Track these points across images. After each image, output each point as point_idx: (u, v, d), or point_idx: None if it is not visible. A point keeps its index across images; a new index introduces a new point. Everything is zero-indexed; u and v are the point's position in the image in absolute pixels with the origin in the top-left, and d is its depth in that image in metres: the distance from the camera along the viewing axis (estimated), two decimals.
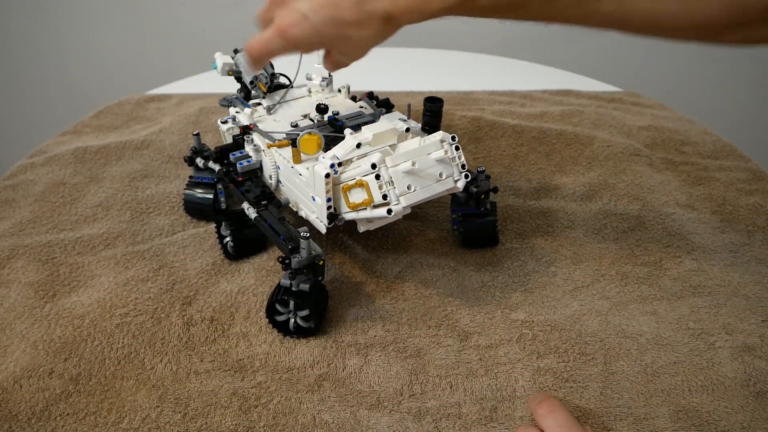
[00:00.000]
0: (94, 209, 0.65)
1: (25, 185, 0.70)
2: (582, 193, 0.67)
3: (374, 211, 0.47)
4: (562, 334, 0.50)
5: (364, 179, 0.46)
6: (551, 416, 0.41)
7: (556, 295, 0.54)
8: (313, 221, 0.52)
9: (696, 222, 0.63)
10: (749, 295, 0.54)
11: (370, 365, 0.48)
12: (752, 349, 0.49)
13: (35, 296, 0.54)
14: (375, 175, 0.46)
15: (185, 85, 0.97)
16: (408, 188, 0.47)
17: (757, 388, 0.46)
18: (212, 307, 0.53)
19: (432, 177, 0.48)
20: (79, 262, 0.58)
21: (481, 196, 0.57)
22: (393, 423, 0.44)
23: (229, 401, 0.45)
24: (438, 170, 0.48)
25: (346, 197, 0.48)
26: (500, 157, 0.74)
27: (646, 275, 0.56)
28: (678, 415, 0.44)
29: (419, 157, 0.47)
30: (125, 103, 0.89)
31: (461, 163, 0.49)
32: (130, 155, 0.74)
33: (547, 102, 0.89)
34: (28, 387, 0.46)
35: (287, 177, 0.54)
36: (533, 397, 0.44)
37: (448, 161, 0.48)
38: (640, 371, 0.47)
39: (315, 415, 0.45)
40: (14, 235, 0.62)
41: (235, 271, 0.57)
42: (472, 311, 0.53)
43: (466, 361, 0.48)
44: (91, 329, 0.51)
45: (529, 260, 0.58)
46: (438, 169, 0.48)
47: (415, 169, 0.46)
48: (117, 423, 0.44)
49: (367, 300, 0.54)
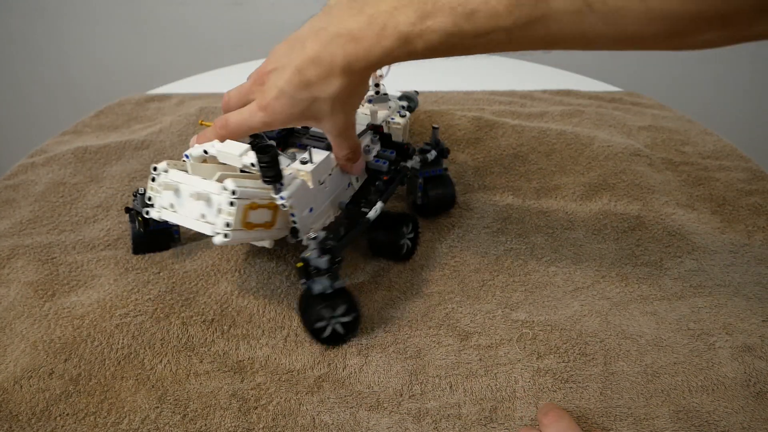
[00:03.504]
0: (95, 209, 0.65)
1: (25, 185, 0.70)
2: (582, 193, 0.67)
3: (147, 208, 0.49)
4: (563, 334, 0.50)
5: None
6: (555, 425, 0.41)
7: (557, 295, 0.54)
8: None
9: (696, 222, 0.63)
10: (749, 296, 0.54)
11: (370, 366, 0.48)
12: (752, 350, 0.49)
13: (35, 296, 0.54)
14: (151, 177, 0.48)
15: (185, 85, 0.97)
16: (170, 206, 0.48)
17: (757, 388, 0.46)
18: (212, 309, 0.53)
19: (193, 212, 0.46)
20: (79, 261, 0.58)
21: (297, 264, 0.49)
22: (393, 424, 0.44)
23: (228, 402, 0.45)
24: (201, 211, 0.46)
25: None
26: (500, 157, 0.74)
27: (647, 275, 0.56)
28: (678, 415, 0.44)
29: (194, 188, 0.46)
30: (125, 103, 0.89)
31: (226, 221, 0.45)
32: (130, 155, 0.74)
33: (548, 102, 0.89)
34: (28, 387, 0.46)
35: None
36: (541, 408, 0.44)
37: (213, 207, 0.45)
38: (641, 371, 0.47)
39: (314, 416, 0.45)
40: (14, 235, 0.62)
41: (236, 273, 0.57)
42: (472, 311, 0.53)
43: (466, 361, 0.48)
44: (91, 329, 0.51)
45: (530, 260, 0.58)
46: (202, 210, 0.46)
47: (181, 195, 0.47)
48: (117, 423, 0.44)
49: (369, 300, 0.54)
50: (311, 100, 0.45)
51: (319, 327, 0.48)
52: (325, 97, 0.45)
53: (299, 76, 0.44)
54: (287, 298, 0.54)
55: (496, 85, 0.93)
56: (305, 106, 0.46)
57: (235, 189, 0.44)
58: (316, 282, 0.48)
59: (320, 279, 0.48)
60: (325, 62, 0.43)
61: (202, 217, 0.46)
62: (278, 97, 0.46)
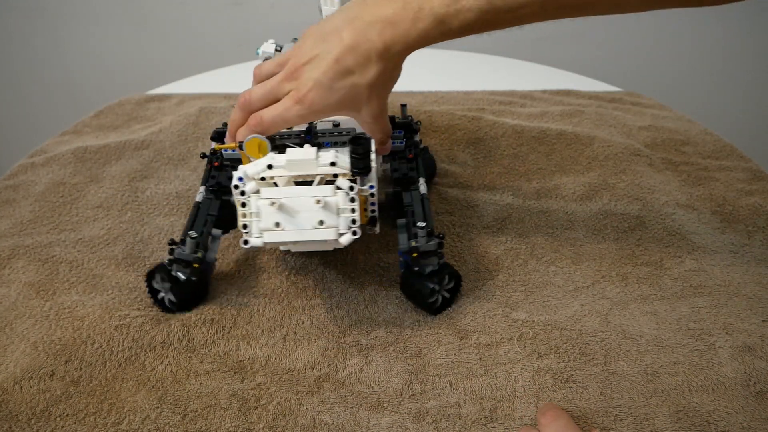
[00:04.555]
0: (95, 209, 0.65)
1: (25, 185, 0.70)
2: (582, 193, 0.67)
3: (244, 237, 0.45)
4: (563, 333, 0.50)
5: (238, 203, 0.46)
6: (553, 424, 0.41)
7: (557, 294, 0.54)
8: None
9: (696, 222, 0.63)
10: (750, 295, 0.54)
11: (370, 365, 0.48)
12: (752, 349, 0.49)
13: (36, 296, 0.54)
14: (241, 203, 0.45)
15: (185, 85, 0.97)
16: (276, 225, 0.44)
17: (757, 388, 0.46)
18: (213, 310, 0.53)
19: (307, 222, 0.44)
20: (79, 261, 0.58)
21: (413, 254, 0.50)
22: (393, 424, 0.44)
23: (228, 402, 0.45)
24: (319, 217, 0.44)
25: None
26: (500, 157, 0.74)
27: (647, 275, 0.56)
28: (678, 415, 0.44)
29: (301, 197, 0.44)
30: (125, 103, 0.89)
31: (352, 218, 0.45)
32: (130, 155, 0.74)
33: (547, 102, 0.89)
34: (28, 388, 0.46)
35: None
36: (540, 409, 0.44)
37: (333, 210, 0.45)
38: (641, 371, 0.47)
39: (314, 416, 0.45)
40: (15, 235, 0.62)
41: (236, 273, 0.57)
42: (472, 310, 0.53)
43: (466, 360, 0.48)
44: (91, 331, 0.51)
45: (530, 260, 0.58)
46: (319, 215, 0.44)
47: (290, 209, 0.44)
48: (117, 424, 0.44)
49: (371, 300, 0.54)
50: (349, 87, 0.46)
51: (432, 300, 0.52)
52: (363, 84, 0.45)
53: (337, 65, 0.45)
54: (287, 298, 0.54)
55: (496, 85, 0.93)
56: (342, 95, 0.46)
57: (352, 185, 0.45)
58: (427, 264, 0.51)
59: (429, 260, 0.50)
60: (363, 49, 0.44)
61: (321, 224, 0.45)
62: (315, 88, 0.46)
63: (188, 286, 0.52)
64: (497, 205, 0.65)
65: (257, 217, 0.45)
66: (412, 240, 0.50)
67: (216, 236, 0.54)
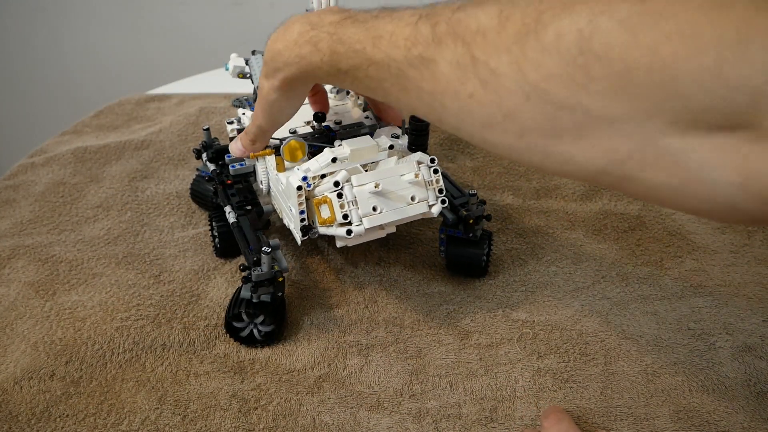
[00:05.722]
0: (95, 209, 0.65)
1: (25, 185, 0.70)
2: (582, 193, 0.67)
3: (338, 230, 0.45)
4: (563, 333, 0.50)
5: (329, 196, 0.45)
6: (556, 427, 0.41)
7: (557, 294, 0.54)
8: (292, 231, 0.50)
9: (696, 222, 0.63)
10: (750, 296, 0.54)
11: (370, 365, 0.48)
12: (753, 350, 0.49)
13: (36, 296, 0.54)
14: (337, 193, 0.45)
15: (185, 85, 0.97)
16: (373, 209, 0.45)
17: (757, 388, 0.46)
18: (214, 311, 0.53)
19: (403, 200, 0.46)
20: (79, 260, 0.58)
21: (470, 221, 0.53)
22: (393, 424, 0.44)
23: (228, 403, 0.45)
24: (410, 193, 0.46)
25: (318, 212, 0.46)
26: (500, 156, 0.74)
27: (647, 275, 0.56)
28: (678, 415, 0.44)
29: (389, 177, 0.45)
30: (125, 103, 0.89)
31: (439, 188, 0.47)
32: (130, 155, 0.74)
33: None
34: (28, 388, 0.46)
35: (274, 184, 0.52)
36: (543, 412, 0.44)
37: (422, 184, 0.46)
38: (641, 371, 0.47)
39: (315, 416, 0.45)
40: (15, 235, 0.62)
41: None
42: (473, 310, 0.53)
43: (466, 360, 0.48)
44: (92, 332, 0.51)
45: (530, 260, 0.58)
46: (411, 191, 0.46)
47: (383, 190, 0.45)
48: (116, 425, 0.44)
49: (371, 300, 0.54)
50: None
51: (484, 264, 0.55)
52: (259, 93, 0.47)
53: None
54: (288, 298, 0.54)
55: None
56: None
57: (433, 158, 0.47)
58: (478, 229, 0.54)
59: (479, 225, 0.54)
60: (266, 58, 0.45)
61: (413, 200, 0.46)
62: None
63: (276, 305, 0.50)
64: (497, 205, 0.65)
65: (355, 205, 0.45)
66: (462, 210, 0.53)
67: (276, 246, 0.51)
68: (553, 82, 0.29)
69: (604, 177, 0.31)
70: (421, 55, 0.34)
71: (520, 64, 0.30)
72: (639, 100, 0.27)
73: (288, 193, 0.48)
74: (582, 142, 0.30)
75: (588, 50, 0.28)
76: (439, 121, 0.37)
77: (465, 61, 0.32)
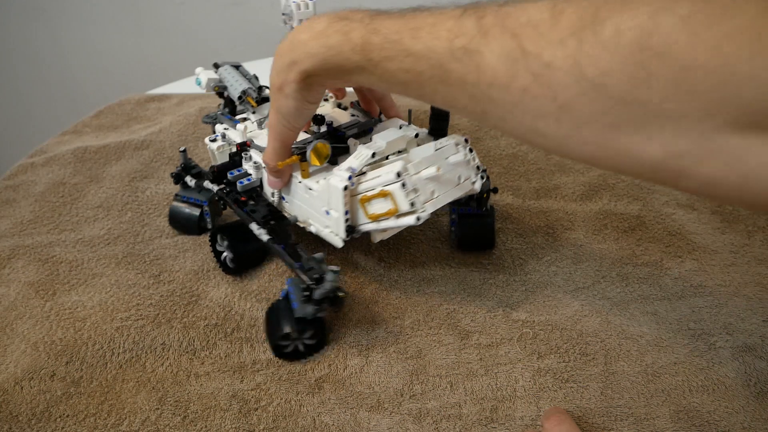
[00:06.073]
0: (95, 209, 0.65)
1: (25, 185, 0.70)
2: (582, 193, 0.67)
3: (400, 221, 0.46)
4: (563, 333, 0.50)
5: (388, 189, 0.45)
6: (557, 428, 0.41)
7: (557, 294, 0.54)
8: (326, 236, 0.50)
9: (696, 222, 0.63)
10: (750, 296, 0.54)
11: (370, 366, 0.48)
12: (753, 350, 0.49)
13: (36, 296, 0.54)
14: (401, 183, 0.45)
15: (185, 85, 0.97)
16: (432, 194, 0.47)
17: (757, 388, 0.46)
18: (214, 312, 0.53)
19: (451, 181, 0.48)
20: (79, 260, 0.58)
21: (483, 195, 0.56)
22: (393, 425, 0.44)
23: (229, 404, 0.45)
24: (456, 174, 0.48)
25: (364, 209, 0.47)
26: (500, 157, 0.74)
27: (647, 275, 0.56)
28: (678, 415, 0.44)
29: (439, 162, 0.47)
30: (125, 103, 0.89)
31: (476, 165, 0.50)
32: (130, 155, 0.74)
33: None
34: (29, 389, 0.46)
35: (294, 192, 0.52)
36: (544, 413, 0.44)
37: (464, 164, 0.49)
38: (641, 371, 0.47)
39: (315, 417, 0.44)
40: (15, 235, 0.62)
41: (238, 276, 0.57)
42: (473, 310, 0.53)
43: (467, 360, 0.48)
44: (92, 332, 0.51)
45: (530, 260, 0.58)
46: (456, 172, 0.48)
47: (438, 175, 0.46)
48: (117, 425, 0.44)
49: (371, 300, 0.54)
50: None
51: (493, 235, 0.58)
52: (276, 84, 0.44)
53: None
54: None
55: None
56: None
57: (466, 137, 0.50)
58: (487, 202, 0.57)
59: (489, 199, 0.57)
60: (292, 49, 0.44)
61: (459, 180, 0.49)
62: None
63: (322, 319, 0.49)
64: (497, 205, 0.65)
65: (415, 192, 0.46)
66: None
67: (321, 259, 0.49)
68: (611, 77, 0.29)
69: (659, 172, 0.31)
70: (466, 47, 0.34)
71: (577, 58, 0.30)
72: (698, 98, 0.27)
73: (324, 196, 0.48)
74: (639, 136, 0.30)
75: (648, 47, 0.28)
76: (483, 113, 0.36)
77: (515, 53, 0.32)
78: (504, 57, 0.33)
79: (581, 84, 0.30)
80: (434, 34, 0.36)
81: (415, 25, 0.37)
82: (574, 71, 0.30)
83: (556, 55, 0.31)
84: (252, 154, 0.55)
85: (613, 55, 0.29)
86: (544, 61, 0.31)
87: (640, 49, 0.28)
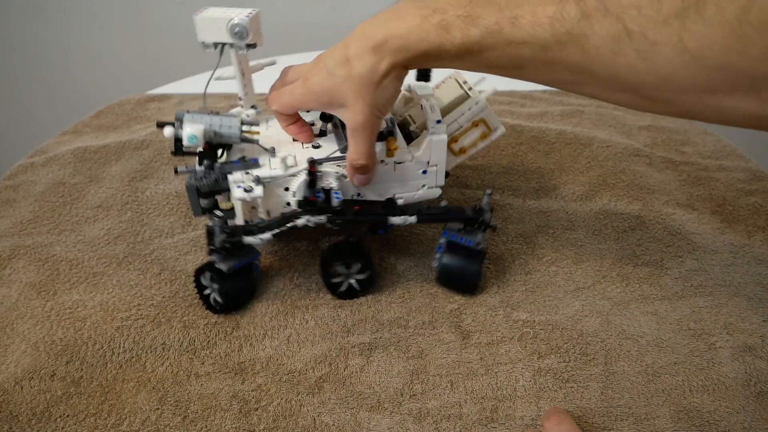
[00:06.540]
0: (95, 209, 0.65)
1: (25, 185, 0.70)
2: (582, 193, 0.67)
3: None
4: (564, 333, 0.51)
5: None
6: (557, 428, 0.41)
7: (558, 294, 0.54)
8: (421, 197, 0.54)
9: (696, 222, 0.63)
10: (750, 295, 0.54)
11: (371, 366, 0.48)
12: (753, 350, 0.49)
13: (36, 296, 0.54)
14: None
15: (185, 85, 0.97)
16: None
17: (758, 388, 0.46)
18: None
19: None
20: (79, 260, 0.58)
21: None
22: (393, 425, 0.44)
23: (229, 404, 0.45)
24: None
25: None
26: (499, 156, 0.74)
27: (647, 275, 0.56)
28: (679, 415, 0.44)
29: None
30: (125, 103, 0.89)
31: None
32: (130, 155, 0.74)
33: (547, 102, 0.89)
34: (29, 388, 0.46)
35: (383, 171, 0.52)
36: (545, 413, 0.44)
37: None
38: (641, 371, 0.47)
39: (315, 417, 0.45)
40: (15, 235, 0.62)
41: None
42: (473, 310, 0.53)
43: (467, 360, 0.48)
44: (92, 332, 0.51)
45: (530, 260, 0.58)
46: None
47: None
48: (117, 425, 0.44)
49: (373, 300, 0.54)
50: (344, 77, 0.44)
51: None
52: (354, 76, 0.44)
53: (342, 50, 0.44)
54: (290, 298, 0.54)
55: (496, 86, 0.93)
56: (335, 83, 0.45)
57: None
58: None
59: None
60: (366, 36, 0.43)
61: None
62: (320, 71, 0.46)
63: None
64: (497, 205, 0.65)
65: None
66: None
67: None
68: (712, 50, 0.33)
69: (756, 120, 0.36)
70: (570, 32, 0.37)
71: (681, 35, 0.33)
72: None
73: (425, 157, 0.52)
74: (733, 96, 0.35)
75: (747, 22, 0.31)
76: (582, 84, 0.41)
77: (620, 34, 0.35)
78: (609, 38, 0.36)
79: (683, 57, 0.34)
80: (536, 22, 0.38)
81: (513, 15, 0.39)
82: (678, 47, 0.34)
83: (661, 33, 0.34)
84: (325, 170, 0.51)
85: (714, 29, 0.32)
86: (649, 39, 0.35)
87: (740, 24, 0.31)
